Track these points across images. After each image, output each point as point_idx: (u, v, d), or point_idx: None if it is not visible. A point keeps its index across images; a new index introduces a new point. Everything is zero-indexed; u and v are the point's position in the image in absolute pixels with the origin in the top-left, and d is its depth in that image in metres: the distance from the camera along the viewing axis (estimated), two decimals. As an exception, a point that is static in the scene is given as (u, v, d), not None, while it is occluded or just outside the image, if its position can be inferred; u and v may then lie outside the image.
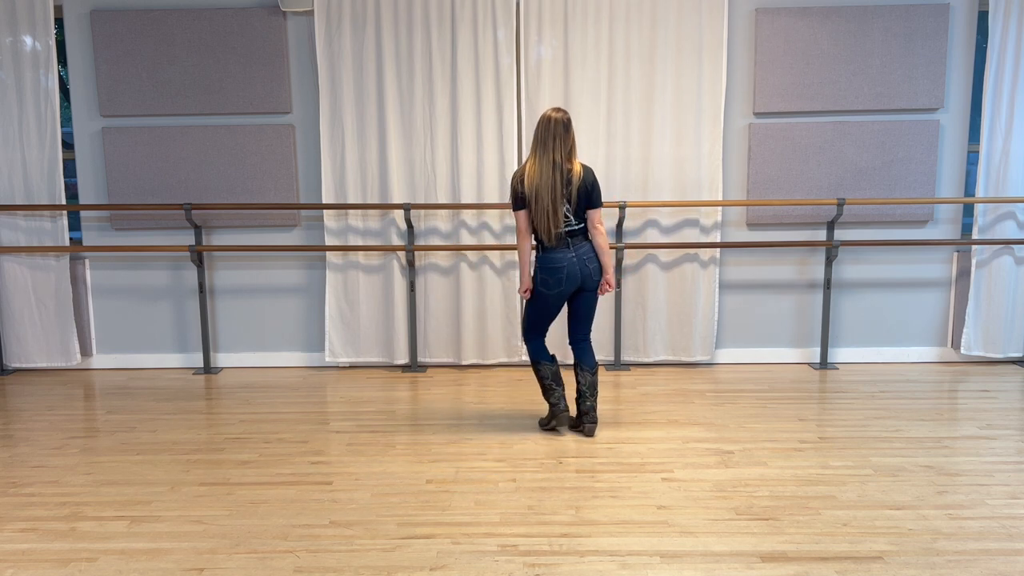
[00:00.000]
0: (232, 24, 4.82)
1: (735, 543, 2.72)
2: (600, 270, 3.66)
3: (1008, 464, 3.41)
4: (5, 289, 5.02)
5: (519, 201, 3.59)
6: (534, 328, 3.79)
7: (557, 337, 4.66)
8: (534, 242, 3.68)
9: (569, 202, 3.56)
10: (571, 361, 5.00)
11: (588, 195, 3.58)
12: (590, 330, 3.82)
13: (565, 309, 3.85)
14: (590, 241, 3.65)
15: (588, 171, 3.61)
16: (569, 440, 3.73)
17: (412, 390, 4.65)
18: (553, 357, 3.82)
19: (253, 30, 4.82)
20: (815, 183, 4.89)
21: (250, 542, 2.78)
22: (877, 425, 3.92)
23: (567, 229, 3.59)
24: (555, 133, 3.51)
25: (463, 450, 3.64)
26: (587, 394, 3.76)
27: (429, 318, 5.02)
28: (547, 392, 3.80)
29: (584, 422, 3.78)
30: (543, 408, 4.25)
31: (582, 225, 3.63)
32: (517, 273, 4.95)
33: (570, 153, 3.55)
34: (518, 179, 3.58)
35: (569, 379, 4.56)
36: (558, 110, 3.54)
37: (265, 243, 5.03)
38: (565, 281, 3.61)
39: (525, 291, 3.73)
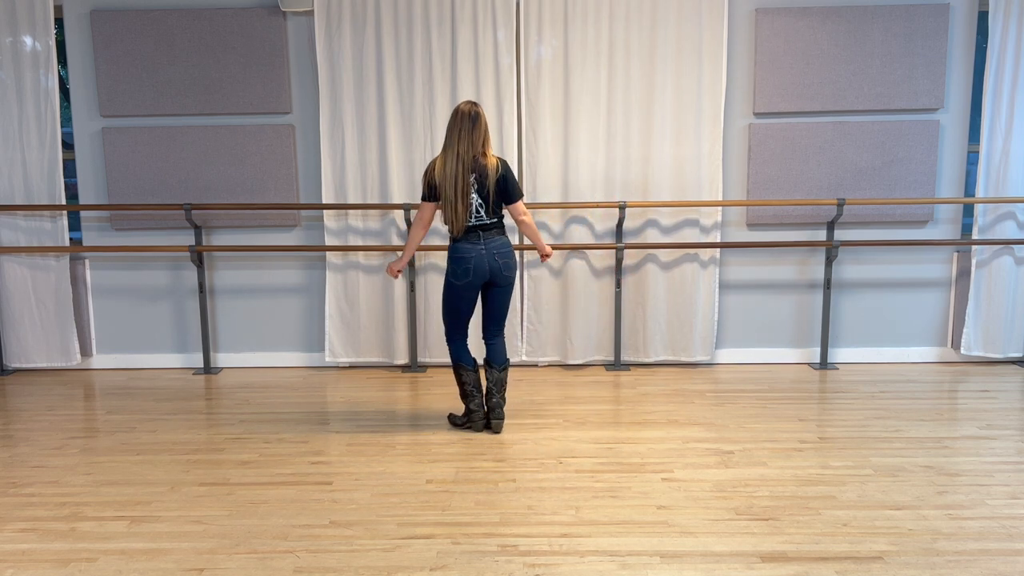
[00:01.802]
0: (232, 24, 4.82)
1: (735, 543, 2.72)
2: (514, 266, 3.72)
3: (1008, 464, 3.41)
4: (5, 289, 5.02)
5: (430, 192, 3.64)
6: (451, 325, 3.81)
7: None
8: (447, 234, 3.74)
9: (481, 196, 3.60)
10: (574, 361, 5.02)
11: (503, 190, 3.63)
12: (502, 327, 3.86)
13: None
14: (506, 236, 3.71)
15: (502, 164, 3.65)
16: (569, 440, 3.73)
17: (412, 390, 4.65)
18: (474, 361, 3.84)
19: (253, 30, 4.82)
20: (815, 183, 4.89)
21: (250, 542, 2.78)
22: (877, 425, 3.92)
23: (477, 223, 3.64)
24: (462, 127, 3.55)
25: (463, 450, 3.64)
26: (494, 391, 3.82)
27: (429, 318, 5.01)
28: (466, 397, 3.85)
29: (491, 418, 3.83)
30: (543, 408, 4.25)
31: (496, 220, 3.68)
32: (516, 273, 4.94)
33: (482, 146, 3.59)
34: (430, 171, 3.63)
35: (578, 387, 4.56)
36: (468, 103, 3.58)
37: (265, 243, 5.03)
38: (473, 273, 3.64)
39: (395, 272, 3.80)
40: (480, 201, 3.62)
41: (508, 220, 4.48)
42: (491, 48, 4.74)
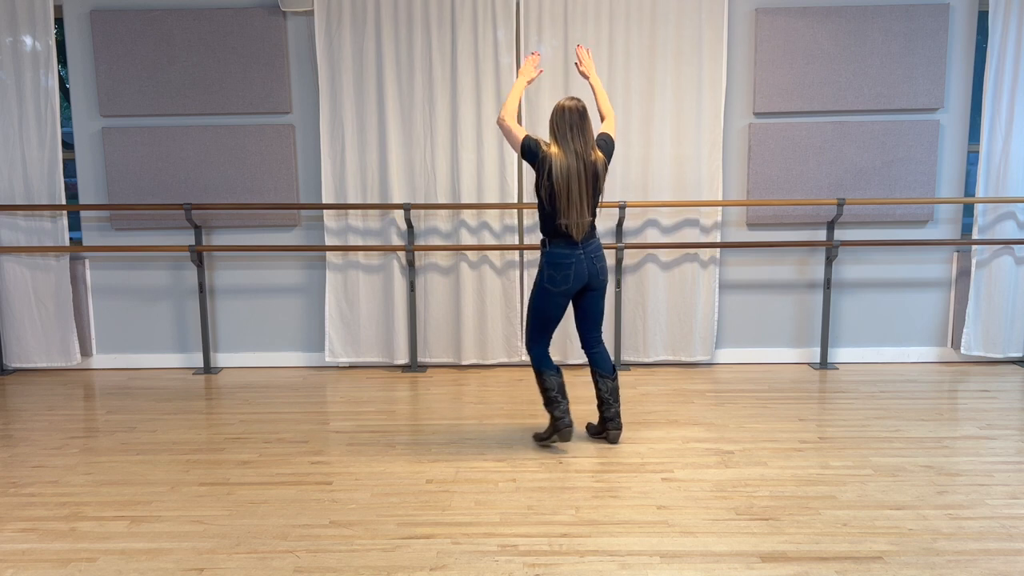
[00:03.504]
0: (232, 24, 4.82)
1: (735, 543, 2.72)
2: (608, 269, 3.58)
3: (1008, 464, 3.41)
4: (5, 289, 5.02)
5: (531, 154, 3.41)
6: (537, 332, 3.59)
7: (558, 341, 4.65)
8: (542, 238, 3.53)
9: (592, 195, 3.43)
10: (575, 361, 5.02)
11: (604, 175, 3.48)
12: (601, 333, 3.68)
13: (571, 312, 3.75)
14: (598, 239, 3.54)
15: (606, 152, 3.48)
16: (569, 440, 3.73)
17: (412, 390, 4.65)
18: (558, 368, 3.63)
19: (253, 30, 4.82)
20: (815, 183, 4.89)
21: (250, 542, 2.78)
22: (877, 425, 3.92)
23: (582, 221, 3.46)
24: (571, 122, 3.35)
25: (463, 450, 3.63)
26: (610, 400, 3.64)
27: (429, 318, 5.02)
28: (551, 404, 3.58)
29: (609, 428, 3.66)
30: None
31: (592, 218, 3.48)
32: (517, 273, 4.95)
33: (591, 144, 3.41)
34: (544, 151, 3.38)
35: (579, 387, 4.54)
36: (572, 99, 3.39)
37: (265, 243, 5.03)
38: (573, 279, 3.45)
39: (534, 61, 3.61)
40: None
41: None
42: (491, 48, 4.74)
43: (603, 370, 3.65)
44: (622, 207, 4.74)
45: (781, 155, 4.87)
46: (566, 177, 3.34)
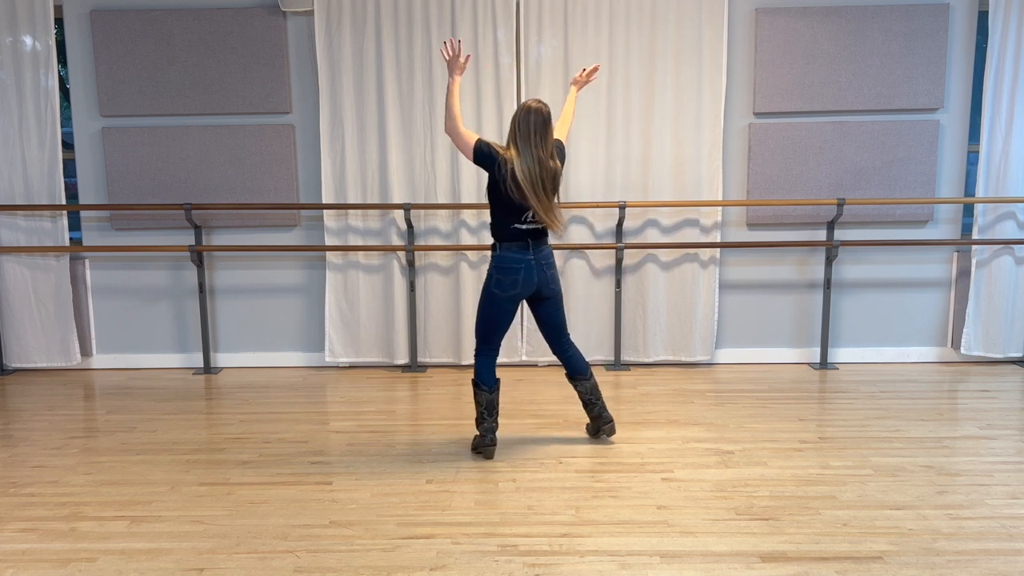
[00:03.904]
0: (232, 24, 4.82)
1: (735, 543, 2.72)
2: (558, 277, 3.50)
3: (1008, 464, 3.41)
4: (5, 289, 5.02)
5: (486, 159, 3.33)
6: (484, 340, 3.49)
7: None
8: (492, 240, 3.46)
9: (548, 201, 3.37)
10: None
11: (559, 183, 3.44)
12: (567, 335, 3.62)
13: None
14: (549, 246, 3.47)
15: (558, 153, 3.41)
16: (569, 440, 3.73)
17: (412, 390, 4.65)
18: (495, 384, 3.51)
19: (253, 30, 4.82)
20: (815, 183, 4.89)
21: (250, 542, 2.78)
22: (877, 425, 3.92)
23: (532, 228, 3.38)
24: (535, 127, 3.26)
25: (463, 450, 3.63)
26: (592, 400, 3.63)
27: (429, 318, 5.02)
28: (478, 420, 3.52)
29: (600, 427, 3.64)
30: (542, 408, 4.25)
31: (543, 226, 3.41)
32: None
33: (549, 150, 3.32)
34: (503, 154, 3.31)
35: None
36: (538, 101, 3.30)
37: (265, 243, 5.03)
38: (521, 284, 3.38)
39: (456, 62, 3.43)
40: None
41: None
42: (491, 48, 4.74)
43: (578, 372, 3.61)
44: (622, 207, 4.74)
45: (781, 155, 4.87)
46: (530, 180, 3.26)
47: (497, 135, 4.78)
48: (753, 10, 4.81)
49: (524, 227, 3.37)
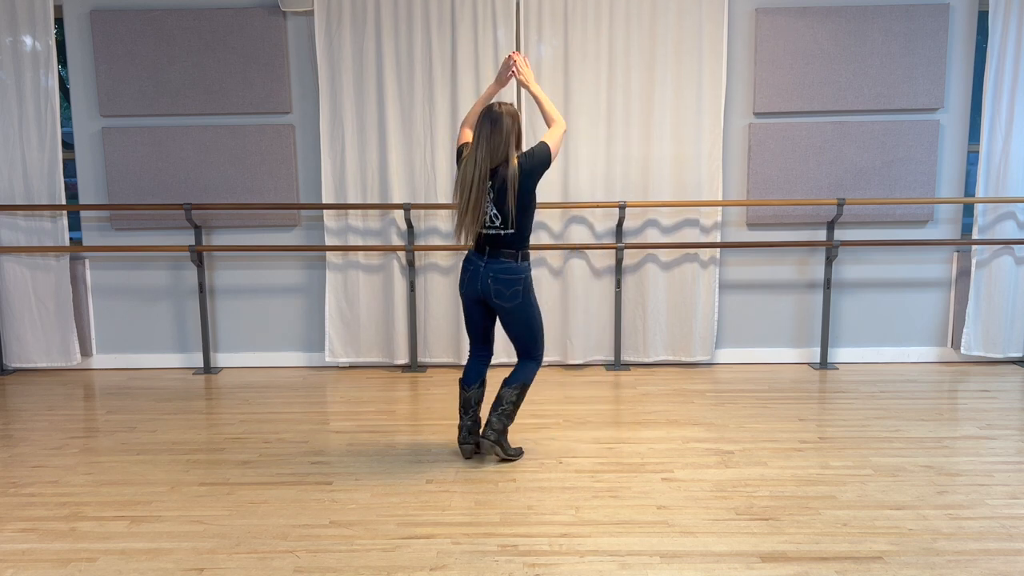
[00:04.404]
0: (232, 24, 4.82)
1: (735, 543, 2.72)
2: (510, 295, 3.29)
3: (1008, 464, 3.41)
4: (5, 289, 5.02)
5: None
6: (468, 334, 3.54)
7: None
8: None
9: (497, 206, 3.23)
10: (573, 361, 5.02)
11: (526, 188, 3.22)
12: (525, 353, 3.43)
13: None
14: (511, 260, 3.27)
15: (524, 160, 3.23)
16: (569, 440, 3.73)
17: (412, 390, 4.65)
18: (477, 383, 3.48)
19: (253, 30, 4.82)
20: (815, 183, 4.89)
21: (250, 542, 2.78)
22: (877, 425, 3.92)
23: (491, 232, 3.28)
24: (480, 130, 3.21)
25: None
26: (494, 404, 3.42)
27: (429, 318, 5.01)
28: (459, 416, 3.52)
29: (480, 436, 3.44)
30: (543, 408, 4.25)
31: (512, 234, 3.25)
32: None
33: (505, 154, 3.19)
34: (463, 162, 3.29)
35: (577, 387, 4.54)
36: (498, 103, 3.24)
37: (265, 243, 5.03)
38: (467, 284, 3.35)
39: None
40: (495, 211, 3.25)
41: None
42: (491, 48, 4.74)
43: (506, 377, 3.45)
44: (622, 207, 4.74)
45: (781, 155, 4.87)
46: (458, 184, 3.26)
47: (497, 135, 4.78)
48: (753, 10, 4.81)
49: (481, 231, 3.29)
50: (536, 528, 2.85)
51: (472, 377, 3.51)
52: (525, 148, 3.38)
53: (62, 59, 4.98)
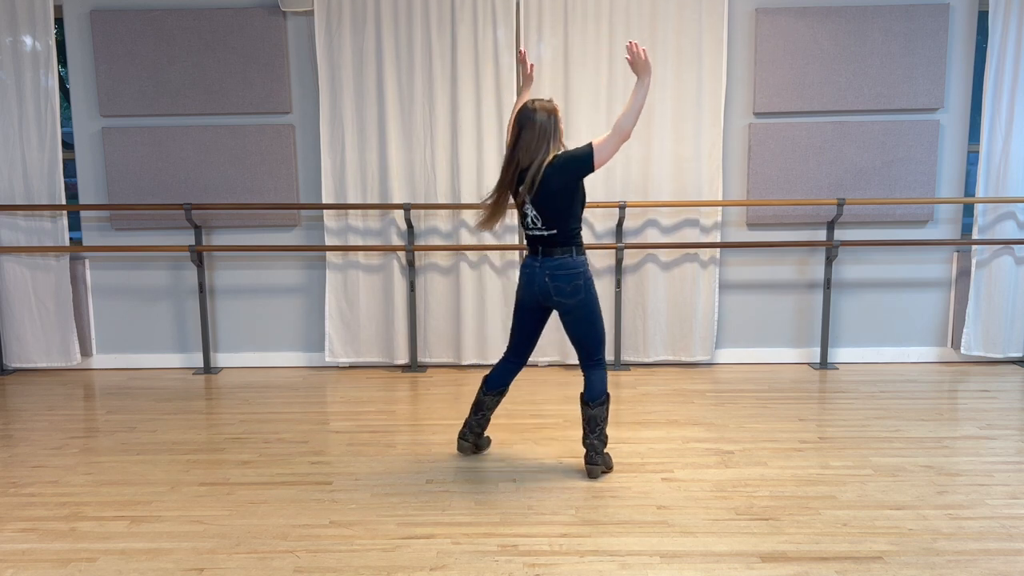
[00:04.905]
0: (232, 24, 4.82)
1: (735, 543, 2.72)
2: (570, 291, 3.17)
3: (1008, 464, 3.41)
4: (5, 289, 5.02)
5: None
6: (510, 338, 3.44)
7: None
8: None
9: (536, 207, 3.12)
10: (575, 361, 5.02)
11: (564, 188, 3.09)
12: (588, 357, 3.27)
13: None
14: (567, 256, 3.17)
15: (558, 157, 3.11)
16: (570, 440, 3.73)
17: (412, 390, 4.65)
18: (498, 390, 3.42)
19: (253, 30, 4.82)
20: (815, 183, 4.89)
21: (250, 542, 2.78)
22: (877, 425, 3.92)
23: (534, 234, 3.19)
24: (515, 129, 3.15)
25: (463, 450, 3.63)
26: (585, 429, 3.29)
27: (429, 318, 5.01)
28: (469, 416, 3.49)
29: (585, 461, 3.30)
30: (543, 408, 4.25)
31: (555, 233, 3.14)
32: (516, 272, 4.95)
33: (544, 152, 3.10)
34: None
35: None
36: (533, 101, 3.14)
37: (265, 243, 5.03)
38: (524, 288, 3.26)
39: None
40: (535, 213, 3.14)
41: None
42: (491, 47, 4.74)
43: (583, 394, 3.30)
44: (622, 207, 4.74)
45: (781, 155, 4.87)
46: (498, 181, 3.22)
47: (497, 134, 4.78)
48: (753, 10, 4.81)
49: (529, 232, 3.23)
50: (536, 528, 2.85)
51: (497, 382, 3.43)
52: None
53: (62, 59, 4.98)
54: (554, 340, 4.98)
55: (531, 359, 5.00)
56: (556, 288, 3.18)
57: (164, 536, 2.83)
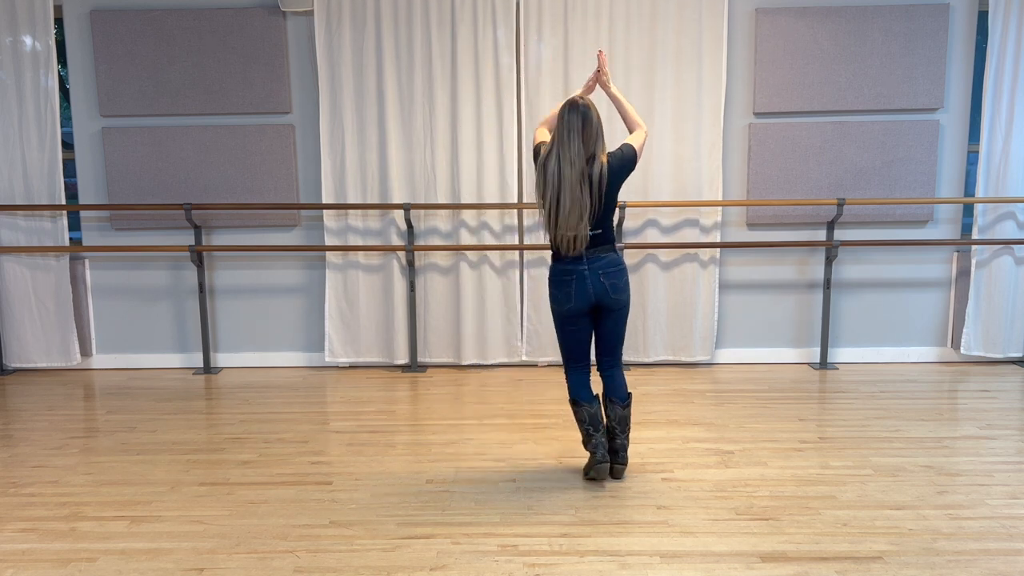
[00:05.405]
0: (232, 24, 4.82)
1: (735, 543, 2.72)
2: (624, 288, 3.14)
3: (1008, 464, 3.41)
4: (5, 289, 5.02)
5: (535, 158, 3.17)
6: (564, 358, 3.29)
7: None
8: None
9: (591, 205, 3.04)
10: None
11: (616, 183, 3.10)
12: (618, 356, 3.28)
13: None
14: (613, 253, 3.14)
15: (612, 156, 3.10)
16: (569, 440, 3.73)
17: (412, 390, 4.65)
18: (595, 397, 3.26)
19: (253, 30, 4.82)
20: (815, 183, 4.89)
21: (250, 542, 2.78)
22: (877, 425, 3.92)
23: (580, 233, 3.07)
24: (570, 124, 3.00)
25: (463, 450, 3.63)
26: (616, 430, 3.23)
27: (429, 318, 5.01)
28: (585, 439, 3.24)
29: (613, 462, 3.23)
30: (543, 408, 4.25)
31: (602, 230, 3.11)
32: (517, 273, 4.95)
33: (594, 147, 3.03)
34: (542, 154, 3.08)
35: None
36: (582, 98, 3.06)
37: (265, 243, 5.03)
38: (575, 297, 3.10)
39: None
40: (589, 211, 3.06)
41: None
42: (491, 48, 4.74)
43: (615, 395, 3.24)
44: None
45: (781, 155, 4.87)
46: (557, 186, 3.00)
47: (497, 134, 4.78)
48: (753, 10, 4.81)
49: (568, 234, 3.06)
50: (536, 528, 2.85)
51: (588, 392, 3.25)
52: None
53: (62, 59, 4.98)
54: (555, 340, 4.98)
55: (531, 359, 5.05)
56: (613, 286, 3.11)
57: (164, 536, 2.83)
